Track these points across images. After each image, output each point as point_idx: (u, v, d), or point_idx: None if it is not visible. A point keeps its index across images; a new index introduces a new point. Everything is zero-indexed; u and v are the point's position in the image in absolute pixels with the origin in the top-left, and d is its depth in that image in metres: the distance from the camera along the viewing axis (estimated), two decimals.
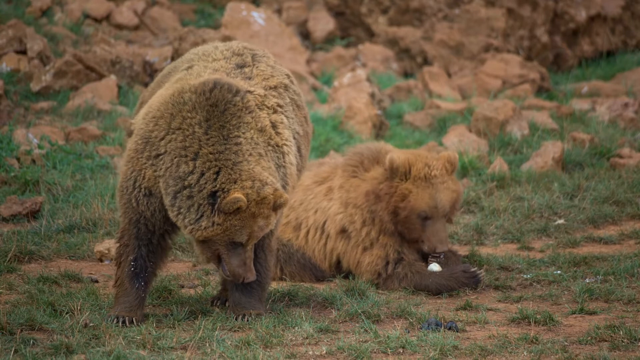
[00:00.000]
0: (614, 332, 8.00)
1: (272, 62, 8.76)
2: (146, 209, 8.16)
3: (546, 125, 15.43)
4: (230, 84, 8.23)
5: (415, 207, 9.78)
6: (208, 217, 7.96)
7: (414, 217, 9.79)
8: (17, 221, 11.20)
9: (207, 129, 8.08)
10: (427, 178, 9.83)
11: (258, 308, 8.38)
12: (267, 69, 8.63)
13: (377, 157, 10.08)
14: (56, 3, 19.22)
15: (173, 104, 8.15)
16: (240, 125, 8.17)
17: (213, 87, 8.16)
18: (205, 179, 7.97)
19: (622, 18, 21.10)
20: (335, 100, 16.75)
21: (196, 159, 8.01)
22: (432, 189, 9.80)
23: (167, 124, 8.10)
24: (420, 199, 9.78)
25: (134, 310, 8.19)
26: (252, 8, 19.25)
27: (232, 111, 8.16)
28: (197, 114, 8.10)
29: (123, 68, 16.58)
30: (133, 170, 8.17)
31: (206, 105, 8.12)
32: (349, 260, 10.00)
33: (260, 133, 8.25)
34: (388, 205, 9.83)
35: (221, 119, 8.12)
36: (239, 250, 8.06)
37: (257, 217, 8.02)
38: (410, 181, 9.82)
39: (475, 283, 9.69)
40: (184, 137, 8.06)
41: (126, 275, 8.22)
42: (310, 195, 10.25)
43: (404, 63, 20.65)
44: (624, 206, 12.28)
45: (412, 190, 9.79)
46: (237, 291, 8.39)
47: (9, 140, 12.83)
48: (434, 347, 7.70)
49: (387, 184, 9.87)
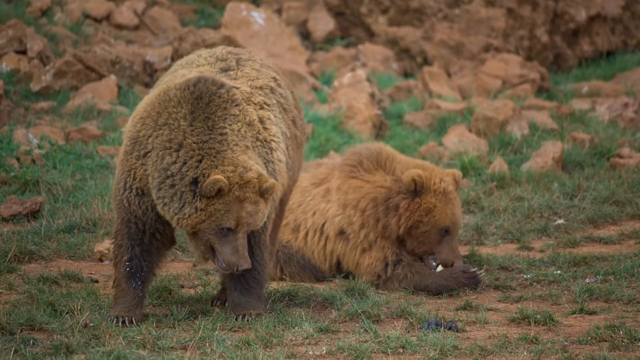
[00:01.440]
0: (614, 332, 8.00)
1: (258, 65, 8.75)
2: (137, 209, 8.18)
3: (546, 125, 15.43)
4: (214, 78, 8.28)
5: (439, 222, 9.74)
6: (190, 204, 7.96)
7: (434, 231, 9.76)
8: (17, 221, 11.19)
9: (192, 121, 8.10)
10: (445, 193, 9.82)
11: (258, 308, 8.38)
12: (252, 72, 8.63)
13: (377, 158, 10.03)
14: (56, 3, 19.22)
15: (159, 103, 8.18)
16: (227, 117, 8.17)
17: (197, 81, 8.19)
18: (187, 167, 8.00)
19: (622, 18, 21.11)
20: (335, 100, 16.75)
21: (179, 150, 8.04)
22: (451, 205, 9.81)
23: (154, 122, 8.14)
24: (444, 214, 9.76)
25: (132, 310, 8.20)
26: (252, 8, 19.25)
27: (217, 103, 8.17)
28: (182, 108, 8.13)
29: (123, 68, 16.58)
30: (123, 172, 8.19)
31: (191, 99, 8.15)
32: (349, 261, 10.00)
33: (248, 127, 8.25)
34: (407, 221, 9.76)
35: (206, 111, 8.13)
36: (230, 237, 8.03)
37: (243, 201, 8.00)
38: (431, 195, 9.77)
39: (475, 283, 9.69)
40: (170, 131, 8.09)
41: (123, 275, 8.24)
42: (308, 197, 10.24)
43: (404, 63, 20.65)
44: (624, 206, 12.28)
45: (437, 206, 9.76)
46: (236, 291, 8.38)
47: (9, 140, 12.83)
48: (434, 347, 7.70)
49: (408, 201, 9.78)
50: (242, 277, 8.36)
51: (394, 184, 9.85)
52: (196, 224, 8.00)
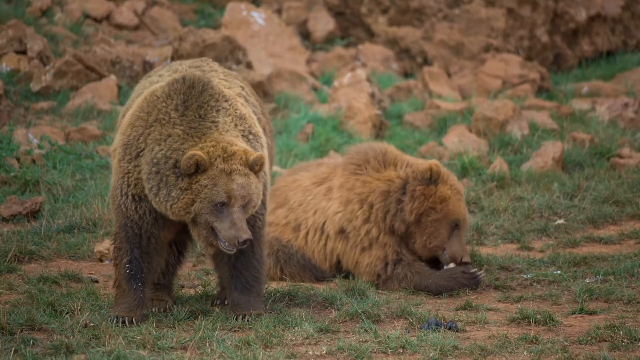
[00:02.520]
0: (614, 332, 8.00)
1: (222, 75, 8.71)
2: (134, 213, 8.19)
3: (546, 125, 15.44)
4: (202, 74, 8.26)
5: (451, 213, 9.77)
6: (174, 186, 7.96)
7: (445, 222, 9.78)
8: (17, 221, 11.19)
9: (184, 111, 8.09)
10: (458, 190, 9.87)
11: (257, 307, 8.38)
12: (222, 82, 8.60)
13: (384, 158, 10.05)
14: (56, 3, 19.21)
15: (147, 104, 8.17)
16: (219, 109, 8.16)
17: (185, 75, 8.18)
18: (171, 151, 8.00)
19: (622, 18, 21.11)
20: (335, 100, 16.75)
21: (167, 139, 8.03)
22: (462, 202, 9.87)
23: (144, 122, 8.13)
24: (457, 207, 9.80)
25: (133, 311, 8.21)
26: (252, 8, 19.25)
27: (210, 93, 8.16)
28: (172, 100, 8.11)
29: (123, 68, 16.58)
30: (118, 179, 8.19)
31: (182, 89, 8.14)
32: (348, 260, 10.00)
33: (240, 120, 8.24)
34: (421, 205, 9.79)
35: (199, 99, 8.12)
36: (225, 212, 7.98)
37: (230, 173, 7.96)
38: (447, 187, 9.82)
39: (475, 283, 9.69)
40: (161, 127, 8.08)
41: (123, 277, 8.25)
42: (309, 196, 10.24)
43: (404, 63, 20.65)
44: (624, 206, 12.28)
45: (451, 197, 9.80)
46: (236, 290, 8.38)
47: (9, 140, 12.83)
48: (434, 347, 7.70)
49: (424, 187, 9.83)
50: (242, 275, 8.36)
51: (411, 174, 9.88)
52: (187, 206, 7.96)
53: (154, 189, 8.02)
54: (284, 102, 16.81)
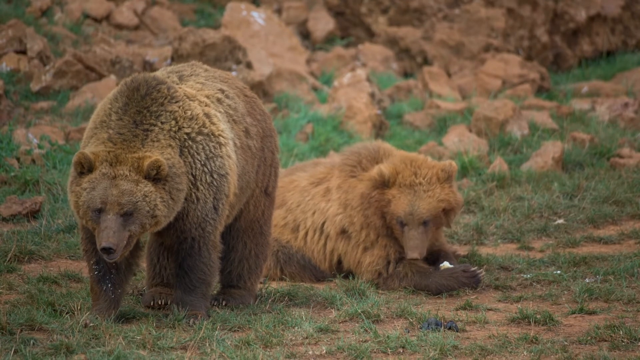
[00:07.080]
0: (614, 332, 8.00)
1: (203, 79, 8.61)
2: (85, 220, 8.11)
3: (546, 125, 15.44)
4: (157, 76, 8.16)
5: (394, 212, 9.82)
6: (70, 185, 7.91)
7: (393, 222, 9.84)
8: (17, 221, 11.19)
9: (122, 115, 8.00)
10: (411, 185, 9.85)
11: (200, 308, 8.28)
12: (196, 85, 8.51)
13: (375, 156, 10.08)
14: (56, 3, 19.21)
15: (101, 106, 8.11)
16: (161, 114, 8.05)
17: (134, 77, 8.08)
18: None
19: (622, 18, 21.11)
20: (335, 100, 16.75)
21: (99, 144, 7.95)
22: (412, 196, 9.82)
23: (93, 124, 8.07)
24: (399, 205, 9.81)
25: (103, 313, 8.15)
26: (252, 8, 19.25)
27: (154, 97, 8.06)
28: (117, 102, 8.05)
29: (123, 68, 16.58)
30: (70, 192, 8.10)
31: (127, 91, 8.04)
32: (350, 260, 10.00)
33: (188, 121, 8.10)
34: (376, 211, 9.87)
35: (140, 104, 8.03)
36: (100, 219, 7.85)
37: (114, 178, 7.82)
38: (396, 188, 9.86)
39: (476, 283, 9.69)
40: (101, 129, 8.00)
41: (94, 279, 8.21)
42: (307, 196, 10.24)
43: (404, 63, 20.65)
44: (624, 206, 12.28)
45: (395, 197, 9.84)
46: (179, 289, 8.31)
47: (9, 140, 12.82)
48: (434, 347, 7.70)
49: (379, 191, 9.90)
50: (187, 276, 8.29)
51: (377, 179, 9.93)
52: (76, 209, 7.88)
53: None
54: (284, 102, 16.81)
